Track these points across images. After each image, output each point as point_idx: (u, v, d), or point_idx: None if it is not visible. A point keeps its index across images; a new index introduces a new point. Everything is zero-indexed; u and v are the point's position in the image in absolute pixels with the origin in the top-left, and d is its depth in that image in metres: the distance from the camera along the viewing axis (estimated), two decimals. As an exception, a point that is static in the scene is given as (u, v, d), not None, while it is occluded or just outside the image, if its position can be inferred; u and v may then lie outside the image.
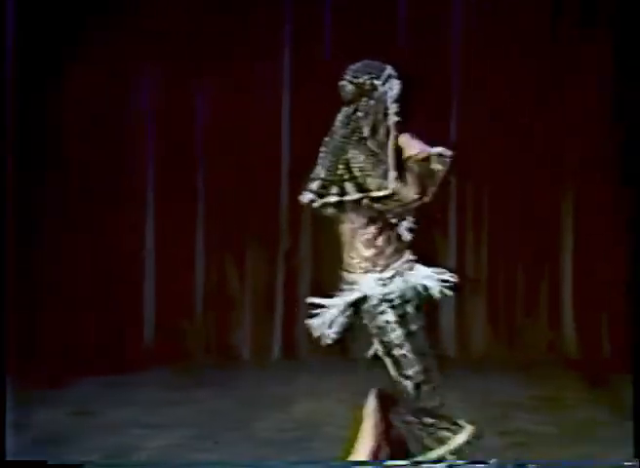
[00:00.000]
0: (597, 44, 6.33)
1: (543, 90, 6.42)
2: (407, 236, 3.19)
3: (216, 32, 6.35)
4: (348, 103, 3.14)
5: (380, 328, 3.11)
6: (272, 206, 6.48)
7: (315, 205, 3.14)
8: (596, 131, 6.37)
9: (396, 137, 3.09)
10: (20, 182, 5.90)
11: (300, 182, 6.74)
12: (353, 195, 3.06)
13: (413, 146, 3.08)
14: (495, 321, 6.50)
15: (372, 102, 3.11)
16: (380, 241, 3.11)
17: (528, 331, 6.49)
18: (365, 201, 3.05)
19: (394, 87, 3.13)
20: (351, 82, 3.13)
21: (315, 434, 4.48)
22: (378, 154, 3.05)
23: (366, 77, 3.12)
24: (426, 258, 3.37)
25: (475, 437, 3.21)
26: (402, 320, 3.13)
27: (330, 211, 3.13)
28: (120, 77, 6.35)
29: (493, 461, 3.46)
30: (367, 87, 3.12)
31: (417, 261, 3.23)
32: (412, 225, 3.20)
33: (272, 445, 4.34)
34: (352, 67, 3.17)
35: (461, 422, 3.22)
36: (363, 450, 3.17)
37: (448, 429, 3.19)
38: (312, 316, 3.19)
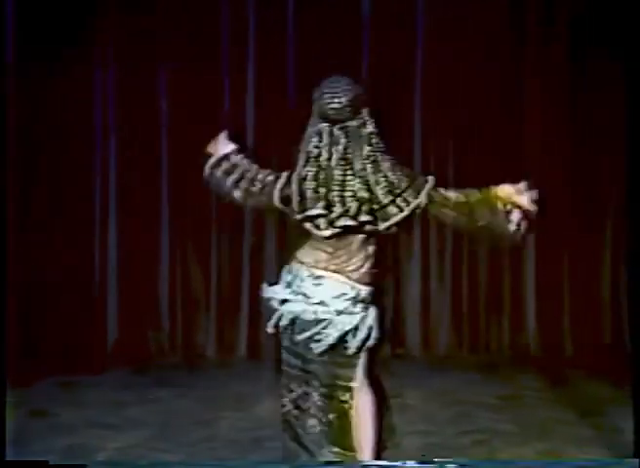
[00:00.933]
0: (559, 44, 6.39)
1: (508, 94, 6.46)
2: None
3: (181, 33, 6.32)
4: (336, 122, 3.08)
5: None
6: (237, 205, 6.43)
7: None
8: (555, 128, 6.42)
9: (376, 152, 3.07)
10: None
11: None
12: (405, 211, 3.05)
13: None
14: (458, 321, 6.52)
15: (360, 120, 3.08)
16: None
17: (491, 331, 6.52)
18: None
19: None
20: (349, 100, 3.06)
21: (277, 434, 4.44)
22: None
23: (358, 93, 3.09)
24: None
25: None
26: None
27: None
28: (83, 78, 6.29)
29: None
30: (358, 104, 3.08)
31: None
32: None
33: (234, 444, 4.30)
34: (335, 85, 3.09)
35: None
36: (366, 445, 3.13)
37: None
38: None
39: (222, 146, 3.31)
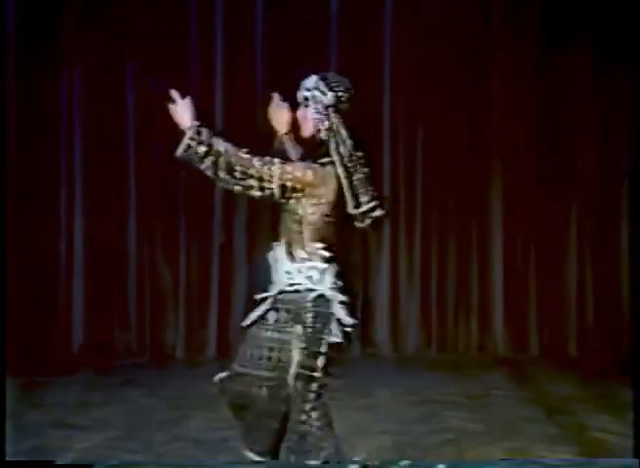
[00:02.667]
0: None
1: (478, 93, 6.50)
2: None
3: (150, 30, 6.30)
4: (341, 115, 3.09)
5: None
6: (206, 203, 6.42)
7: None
8: (523, 121, 6.47)
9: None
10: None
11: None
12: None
13: None
14: (426, 321, 6.54)
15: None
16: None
17: (459, 330, 6.55)
18: None
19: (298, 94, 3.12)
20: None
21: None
22: None
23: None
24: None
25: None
26: None
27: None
28: (50, 79, 6.25)
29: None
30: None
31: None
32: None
33: (202, 444, 4.28)
34: (330, 77, 3.09)
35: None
36: None
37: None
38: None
39: (187, 115, 3.19)
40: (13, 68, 6.05)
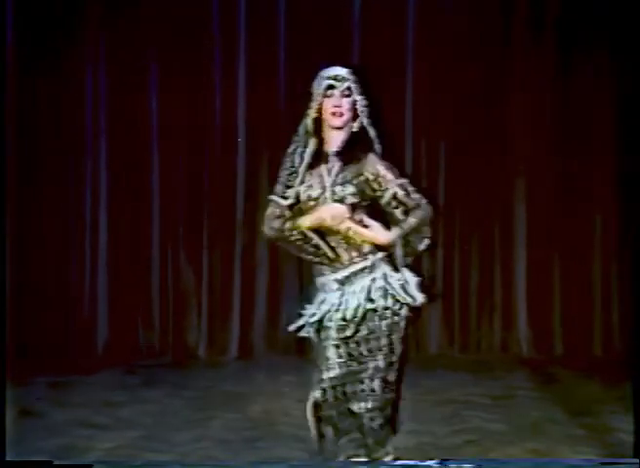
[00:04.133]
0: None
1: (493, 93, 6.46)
2: None
3: (171, 33, 6.32)
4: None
5: None
6: (228, 204, 6.44)
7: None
8: (543, 127, 6.44)
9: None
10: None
11: (254, 181, 6.75)
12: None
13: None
14: (449, 321, 6.52)
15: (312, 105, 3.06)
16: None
17: (482, 330, 6.53)
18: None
19: (321, 84, 3.03)
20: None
21: (268, 434, 4.45)
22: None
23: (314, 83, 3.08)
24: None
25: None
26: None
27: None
28: (74, 78, 6.30)
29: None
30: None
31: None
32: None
33: (226, 444, 4.29)
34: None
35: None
36: None
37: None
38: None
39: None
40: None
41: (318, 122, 3.04)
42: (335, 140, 3.05)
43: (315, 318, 3.04)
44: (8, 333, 5.73)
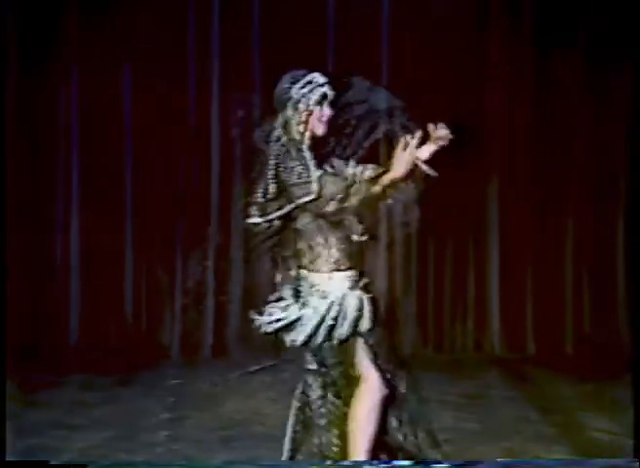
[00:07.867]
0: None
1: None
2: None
3: (145, 34, 6.30)
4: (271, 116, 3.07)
5: None
6: (202, 204, 6.42)
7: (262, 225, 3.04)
8: (521, 127, 6.47)
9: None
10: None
11: (229, 182, 6.70)
12: (286, 208, 3.00)
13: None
14: (423, 321, 6.54)
15: (289, 113, 3.03)
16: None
17: (455, 330, 6.56)
18: (298, 210, 3.00)
19: (314, 92, 3.04)
20: (275, 93, 3.06)
21: (243, 433, 4.43)
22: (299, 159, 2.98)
23: (284, 86, 3.05)
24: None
25: None
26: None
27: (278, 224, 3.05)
28: (45, 78, 6.26)
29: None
30: (284, 96, 3.04)
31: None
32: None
33: (200, 444, 4.28)
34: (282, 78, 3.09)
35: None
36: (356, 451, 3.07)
37: None
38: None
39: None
40: (13, 71, 6.06)
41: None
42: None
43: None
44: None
